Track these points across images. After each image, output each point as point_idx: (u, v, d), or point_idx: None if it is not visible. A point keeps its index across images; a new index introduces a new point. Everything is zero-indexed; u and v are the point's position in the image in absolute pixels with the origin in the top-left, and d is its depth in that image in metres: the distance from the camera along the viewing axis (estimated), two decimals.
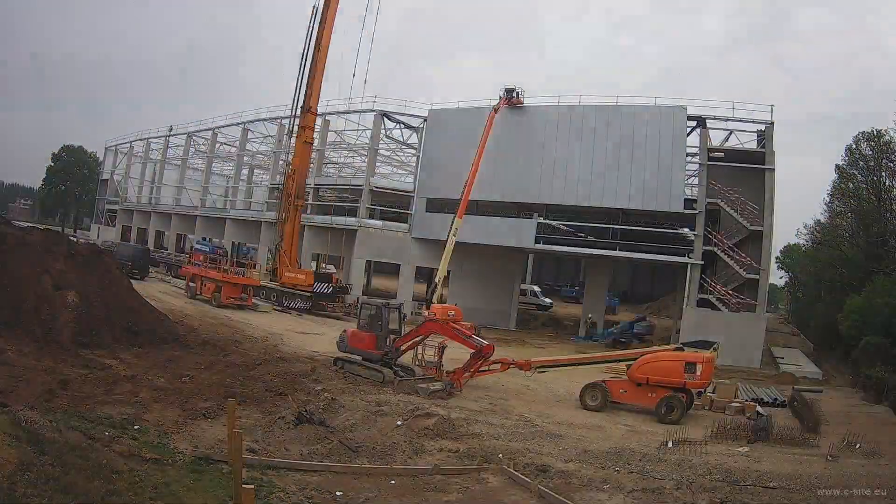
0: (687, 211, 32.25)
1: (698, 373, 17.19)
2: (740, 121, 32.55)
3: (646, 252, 33.89)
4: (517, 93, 35.78)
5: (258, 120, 48.52)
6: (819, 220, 46.73)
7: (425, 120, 40.20)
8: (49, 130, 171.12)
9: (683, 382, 17.19)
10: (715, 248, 31.94)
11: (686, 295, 31.81)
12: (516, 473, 11.47)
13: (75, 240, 28.38)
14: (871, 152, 35.48)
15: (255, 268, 38.22)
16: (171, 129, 58.30)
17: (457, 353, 19.65)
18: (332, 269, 40.54)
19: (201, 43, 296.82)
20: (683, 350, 18.67)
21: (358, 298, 32.45)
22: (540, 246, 35.77)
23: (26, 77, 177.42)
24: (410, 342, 19.57)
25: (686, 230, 32.40)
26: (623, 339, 33.99)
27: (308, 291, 34.20)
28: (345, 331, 20.15)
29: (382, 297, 35.39)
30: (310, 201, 43.27)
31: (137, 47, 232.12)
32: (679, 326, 32.63)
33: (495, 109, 35.38)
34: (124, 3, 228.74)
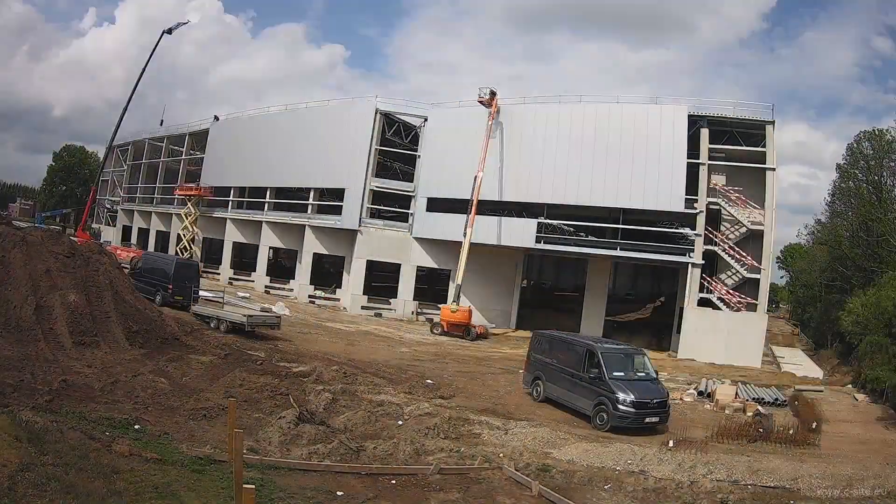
0: (688, 210, 32.24)
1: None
2: (741, 120, 32.59)
3: (646, 252, 33.88)
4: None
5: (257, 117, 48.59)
6: (819, 220, 46.73)
7: (426, 120, 40.24)
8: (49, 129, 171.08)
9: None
10: (716, 248, 31.97)
11: (687, 294, 31.81)
12: (517, 473, 11.48)
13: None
14: (871, 151, 35.50)
15: None
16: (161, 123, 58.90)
17: None
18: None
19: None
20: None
21: None
22: (541, 246, 35.76)
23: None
24: None
25: (687, 230, 32.40)
26: None
27: None
28: None
29: None
30: (311, 201, 43.47)
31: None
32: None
33: (491, 115, 35.53)
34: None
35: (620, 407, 15.46)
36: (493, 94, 35.80)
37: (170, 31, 48.51)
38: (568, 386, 17.25)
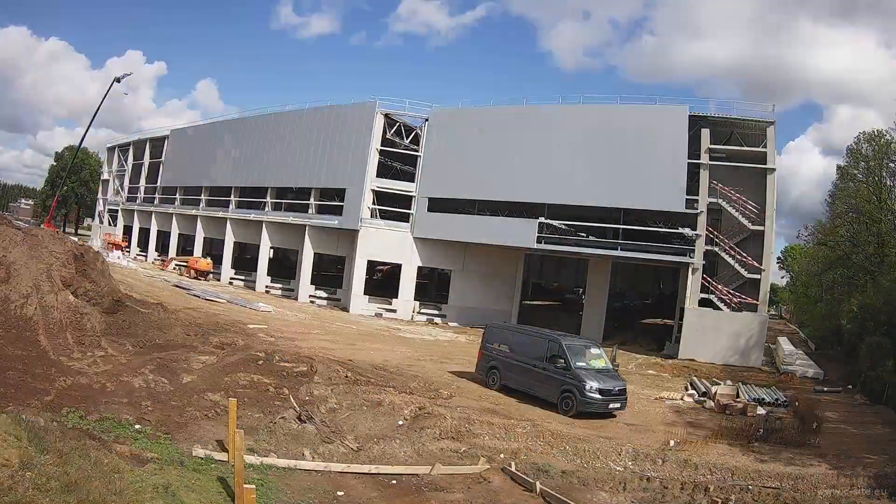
0: (688, 211, 32.23)
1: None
2: (742, 120, 32.58)
3: (647, 252, 33.87)
4: None
5: (257, 117, 48.64)
6: (820, 221, 46.71)
7: (427, 120, 40.25)
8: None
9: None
10: (716, 248, 31.95)
11: (687, 295, 31.80)
12: (517, 473, 11.47)
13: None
14: (871, 153, 35.50)
15: None
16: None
17: None
18: None
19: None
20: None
21: None
22: (541, 246, 35.75)
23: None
24: None
25: (687, 230, 32.38)
26: None
27: None
28: None
29: None
30: (311, 201, 43.46)
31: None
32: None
33: None
34: None
35: (588, 394, 16.68)
36: None
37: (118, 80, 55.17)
38: (528, 375, 18.30)
